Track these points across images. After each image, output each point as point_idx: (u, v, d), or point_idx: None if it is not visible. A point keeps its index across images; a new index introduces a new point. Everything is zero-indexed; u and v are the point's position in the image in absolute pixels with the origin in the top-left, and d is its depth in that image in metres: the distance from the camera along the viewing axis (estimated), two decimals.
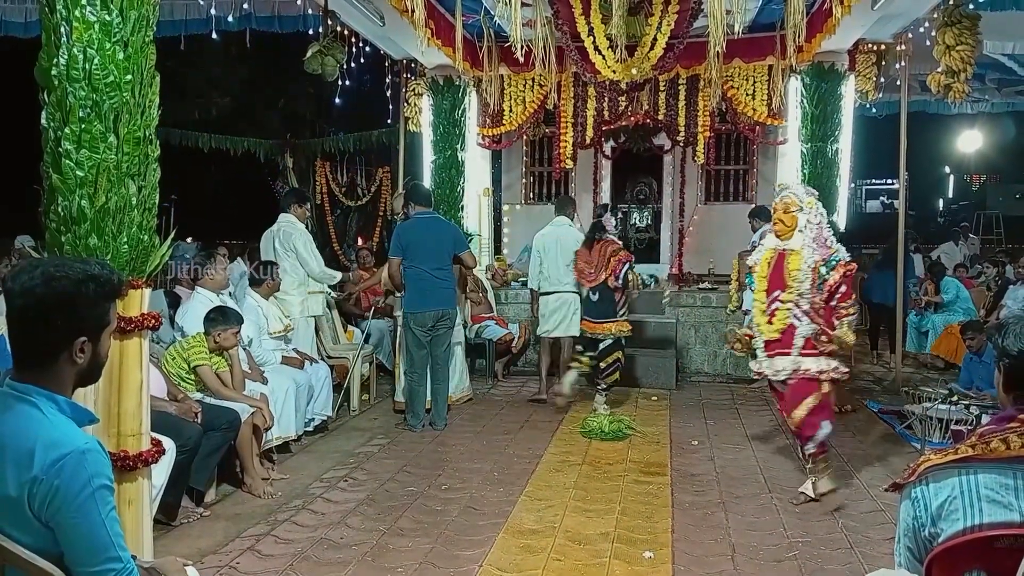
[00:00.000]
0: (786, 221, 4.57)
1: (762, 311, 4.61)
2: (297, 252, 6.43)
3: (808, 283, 4.44)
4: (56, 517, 1.70)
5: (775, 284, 4.55)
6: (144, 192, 3.05)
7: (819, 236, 4.51)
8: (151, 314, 3.10)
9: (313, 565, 3.75)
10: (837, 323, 4.47)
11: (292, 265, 6.39)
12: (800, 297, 4.46)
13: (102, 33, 2.86)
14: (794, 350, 4.51)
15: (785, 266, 4.52)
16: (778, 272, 4.55)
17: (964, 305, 9.24)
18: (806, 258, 4.46)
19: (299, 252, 6.44)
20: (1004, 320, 1.99)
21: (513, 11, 5.39)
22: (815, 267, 4.44)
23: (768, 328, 4.57)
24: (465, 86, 7.86)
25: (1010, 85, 10.10)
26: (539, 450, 5.66)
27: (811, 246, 4.48)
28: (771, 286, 4.57)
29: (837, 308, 4.48)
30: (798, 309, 4.47)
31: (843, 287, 4.46)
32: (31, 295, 1.76)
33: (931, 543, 1.80)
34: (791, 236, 4.55)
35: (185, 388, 4.72)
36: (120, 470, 2.97)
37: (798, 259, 4.48)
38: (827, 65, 6.89)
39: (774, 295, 4.54)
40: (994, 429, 1.80)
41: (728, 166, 10.08)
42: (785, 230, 4.58)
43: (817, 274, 4.44)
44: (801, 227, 4.54)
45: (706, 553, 3.92)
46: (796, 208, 4.54)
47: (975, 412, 5.60)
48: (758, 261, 4.72)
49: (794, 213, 4.54)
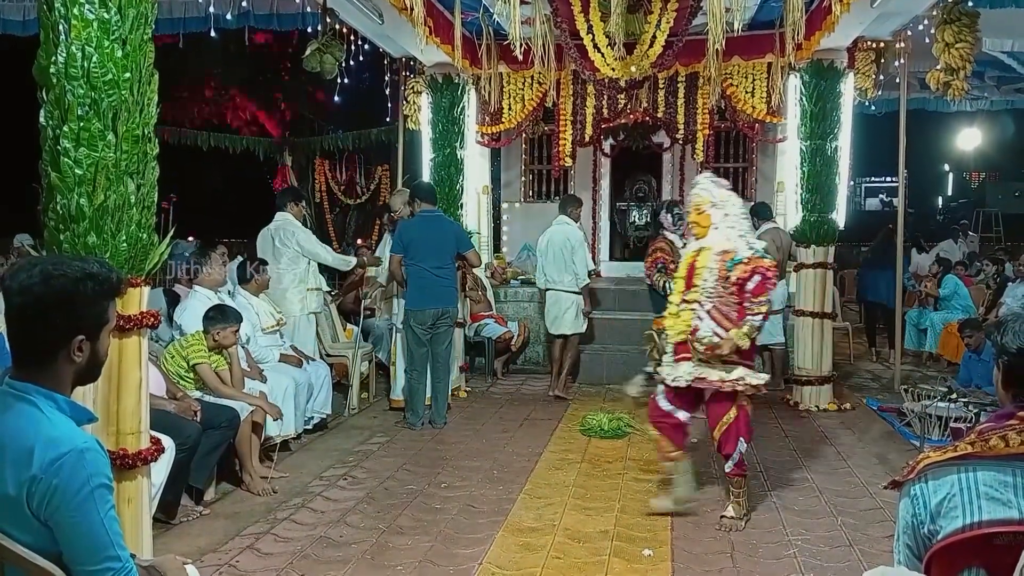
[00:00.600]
0: (700, 221, 4.35)
1: (674, 313, 4.38)
2: (304, 248, 6.47)
3: (712, 280, 4.18)
4: (55, 516, 1.70)
5: (689, 284, 4.33)
6: (143, 190, 3.04)
7: (732, 232, 4.25)
8: (150, 312, 3.10)
9: (313, 563, 3.75)
10: (741, 322, 4.13)
11: (291, 262, 6.40)
12: (704, 296, 4.21)
13: (101, 31, 2.85)
14: (695, 355, 4.23)
15: (697, 265, 4.30)
16: (692, 271, 4.33)
17: (963, 303, 9.24)
18: (714, 256, 4.22)
19: (305, 248, 6.49)
20: (1003, 318, 1.99)
21: (512, 9, 5.39)
22: (723, 264, 4.18)
23: (675, 330, 4.33)
24: (464, 84, 7.85)
25: (1009, 83, 10.09)
26: (538, 448, 5.66)
27: (724, 241, 4.23)
28: (686, 286, 4.34)
29: (746, 308, 4.14)
30: (701, 309, 4.22)
31: (751, 284, 4.12)
32: (29, 293, 1.76)
33: (930, 540, 1.80)
34: (708, 234, 4.32)
35: (184, 386, 4.72)
36: (119, 468, 2.96)
37: (706, 257, 4.26)
38: (826, 63, 6.87)
39: (685, 296, 4.33)
40: (993, 427, 1.80)
41: (727, 164, 10.07)
42: (701, 230, 4.35)
43: (725, 270, 4.17)
44: (716, 223, 4.29)
45: (705, 551, 3.92)
46: (708, 205, 4.30)
47: (974, 410, 5.60)
48: (679, 261, 4.56)
49: (707, 211, 4.31)
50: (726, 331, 4.11)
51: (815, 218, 6.94)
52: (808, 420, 6.53)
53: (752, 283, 4.12)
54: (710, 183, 4.42)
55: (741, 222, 4.31)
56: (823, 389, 6.96)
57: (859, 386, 7.95)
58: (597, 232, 10.30)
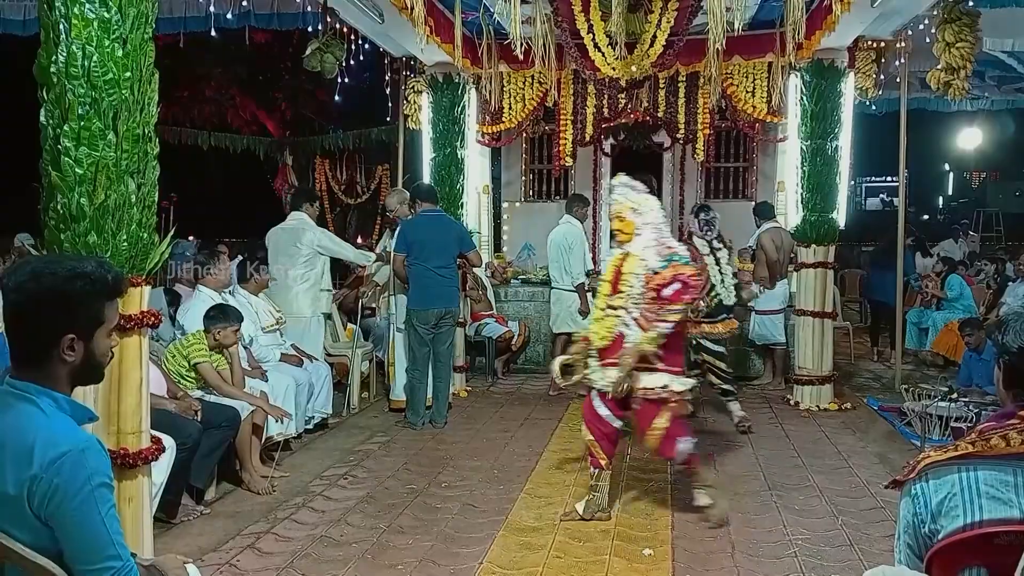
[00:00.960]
0: (623, 228, 4.27)
1: (598, 318, 4.31)
2: (326, 248, 6.53)
3: (639, 288, 4.12)
4: (56, 515, 1.70)
5: (614, 289, 4.26)
6: (143, 190, 3.04)
7: (657, 237, 4.20)
8: (151, 312, 3.10)
9: (313, 563, 3.76)
10: (649, 327, 4.07)
11: (308, 263, 6.40)
12: (630, 303, 4.13)
13: (101, 30, 2.85)
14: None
15: (622, 270, 4.23)
16: (616, 277, 4.27)
17: (965, 303, 9.24)
18: (640, 262, 4.15)
19: (328, 247, 6.55)
20: (1004, 317, 1.99)
21: (512, 8, 5.38)
22: (647, 270, 4.13)
23: (598, 336, 4.26)
24: (465, 83, 7.84)
25: (1010, 82, 10.08)
26: (539, 448, 5.66)
27: (649, 248, 4.17)
28: (612, 291, 4.27)
29: (659, 313, 4.08)
30: (628, 316, 4.14)
31: (667, 291, 4.06)
32: (22, 292, 1.77)
33: (931, 540, 1.80)
34: (632, 240, 4.25)
35: (185, 386, 4.72)
36: (120, 468, 2.97)
37: (632, 263, 4.19)
38: (827, 62, 6.87)
39: (610, 300, 4.26)
40: (994, 426, 1.80)
41: (728, 163, 10.07)
42: (625, 236, 4.28)
43: (650, 278, 4.12)
44: (639, 229, 4.23)
45: (706, 550, 3.92)
46: (629, 211, 4.24)
47: (974, 409, 5.60)
48: (606, 264, 4.46)
49: (628, 218, 4.24)
50: None
51: (815, 218, 6.94)
52: (809, 420, 6.53)
53: (669, 290, 4.06)
54: (627, 188, 4.32)
55: (663, 227, 4.27)
56: (824, 389, 6.96)
57: (860, 386, 7.95)
58: (598, 232, 10.28)
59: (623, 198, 4.28)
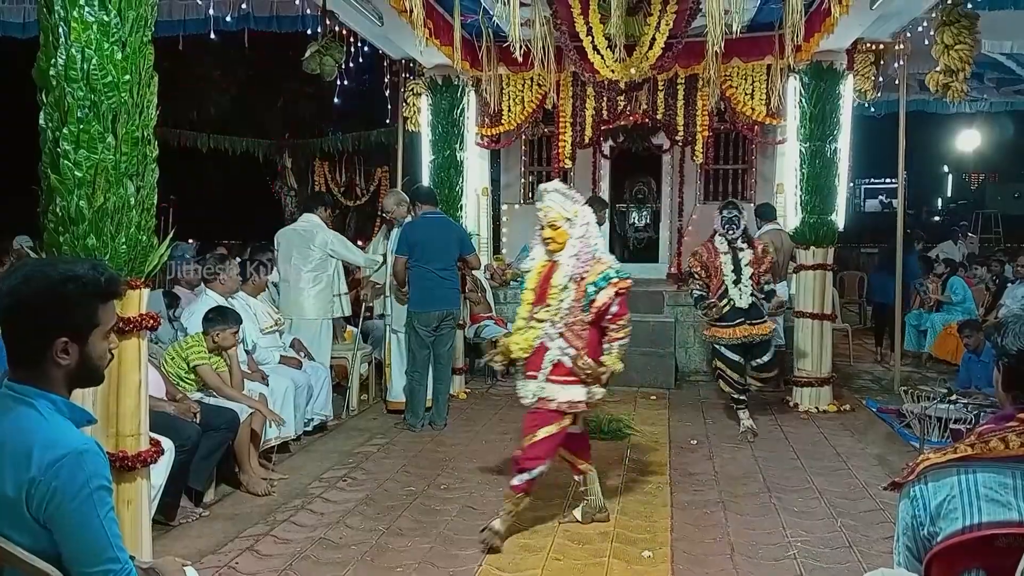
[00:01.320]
0: (556, 237, 4.08)
1: (519, 328, 4.17)
2: (337, 251, 6.55)
3: (569, 301, 4.00)
4: (54, 518, 1.70)
5: (539, 299, 4.11)
6: (142, 192, 3.04)
7: (584, 248, 4.07)
8: (149, 314, 3.10)
9: (312, 565, 3.75)
10: (606, 347, 4.04)
11: (319, 266, 6.41)
12: (558, 316, 4.01)
13: (100, 33, 2.85)
14: (541, 374, 4.04)
15: (550, 280, 4.08)
16: (544, 286, 4.11)
17: (966, 305, 9.23)
18: (569, 273, 4.02)
19: (339, 250, 6.57)
20: (1003, 319, 1.98)
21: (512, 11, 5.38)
22: (581, 284, 4.00)
23: (519, 347, 4.13)
24: (464, 86, 7.85)
25: (1008, 84, 10.09)
26: None
27: (577, 258, 4.04)
28: (536, 301, 4.13)
29: (607, 331, 4.04)
30: (553, 328, 4.02)
31: (614, 307, 4.00)
32: (12, 294, 1.77)
33: (930, 542, 1.80)
34: (563, 250, 4.10)
35: (184, 388, 4.72)
36: (119, 470, 2.96)
37: (563, 273, 4.04)
38: (826, 64, 6.88)
39: (535, 311, 4.11)
40: (993, 428, 1.80)
41: (727, 165, 10.08)
42: (557, 246, 4.09)
43: (584, 292, 3.99)
44: (572, 240, 4.08)
45: (705, 552, 3.92)
46: (563, 221, 4.07)
47: (973, 411, 5.60)
48: (531, 270, 4.25)
49: (562, 227, 4.07)
50: (576, 352, 3.97)
51: (814, 219, 6.95)
52: (808, 421, 6.53)
53: (616, 306, 4.00)
54: (561, 197, 4.14)
55: (596, 239, 4.16)
56: (823, 390, 6.97)
57: (859, 387, 7.95)
58: None
59: (557, 206, 4.09)
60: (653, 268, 10.06)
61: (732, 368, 6.03)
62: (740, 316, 5.87)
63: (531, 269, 4.26)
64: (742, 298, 5.83)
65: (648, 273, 9.88)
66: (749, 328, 5.88)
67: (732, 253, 5.87)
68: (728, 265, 5.87)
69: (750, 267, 5.87)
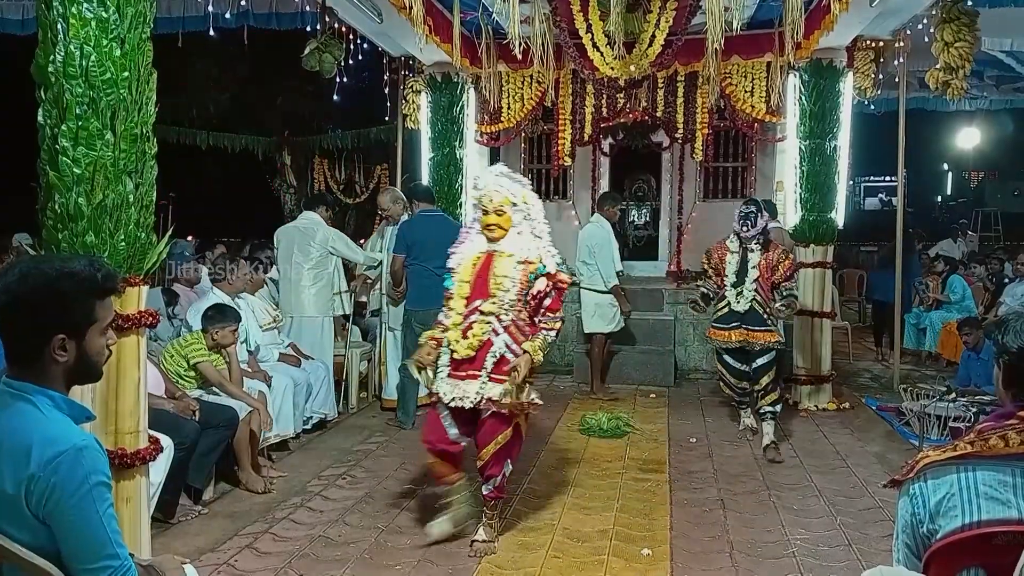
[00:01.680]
0: (501, 223, 3.87)
1: (457, 324, 3.86)
2: (337, 249, 6.55)
3: (515, 292, 3.79)
4: (53, 514, 1.69)
5: (478, 292, 3.85)
6: (141, 189, 3.04)
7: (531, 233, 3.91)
8: (148, 311, 3.10)
9: (311, 563, 3.75)
10: (532, 336, 3.84)
11: (319, 264, 6.41)
12: (503, 308, 3.79)
13: (99, 30, 2.85)
14: (484, 373, 3.78)
15: (491, 271, 3.84)
16: (482, 278, 3.85)
17: (965, 304, 9.23)
18: (516, 263, 3.82)
19: (339, 248, 6.57)
20: (1004, 317, 1.98)
21: (511, 8, 5.38)
22: (526, 271, 3.81)
23: (463, 344, 3.81)
24: (463, 83, 7.84)
25: (1008, 82, 10.10)
26: (537, 448, 5.65)
27: (525, 247, 3.86)
28: (473, 294, 3.85)
29: (540, 322, 3.87)
30: (499, 323, 3.80)
31: (548, 299, 3.85)
32: (9, 292, 1.77)
33: (929, 540, 1.80)
34: (506, 237, 3.89)
35: (183, 386, 4.72)
36: (117, 468, 2.96)
37: (506, 264, 3.84)
38: (825, 62, 6.88)
39: (474, 305, 3.83)
40: (993, 426, 1.80)
41: (726, 163, 10.06)
42: (501, 232, 3.88)
43: (528, 279, 3.81)
44: (517, 226, 3.90)
45: (704, 550, 3.92)
46: (509, 206, 3.87)
47: (973, 409, 5.60)
48: (461, 262, 3.97)
49: (508, 213, 3.87)
50: (519, 346, 3.79)
51: (814, 217, 6.95)
52: (807, 419, 6.53)
53: (549, 299, 3.85)
54: (509, 180, 3.94)
55: (544, 227, 3.97)
56: (822, 388, 6.97)
57: (858, 385, 7.95)
58: None
59: (504, 190, 3.87)
60: (652, 266, 10.05)
61: (732, 374, 5.81)
62: (735, 320, 5.58)
63: (461, 260, 3.96)
64: (739, 301, 5.54)
65: (647, 271, 9.89)
66: (745, 333, 5.54)
67: (741, 253, 5.59)
68: (732, 266, 5.60)
69: (756, 270, 5.52)
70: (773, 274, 5.54)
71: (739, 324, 5.56)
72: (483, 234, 3.94)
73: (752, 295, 5.52)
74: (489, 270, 3.85)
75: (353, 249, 6.81)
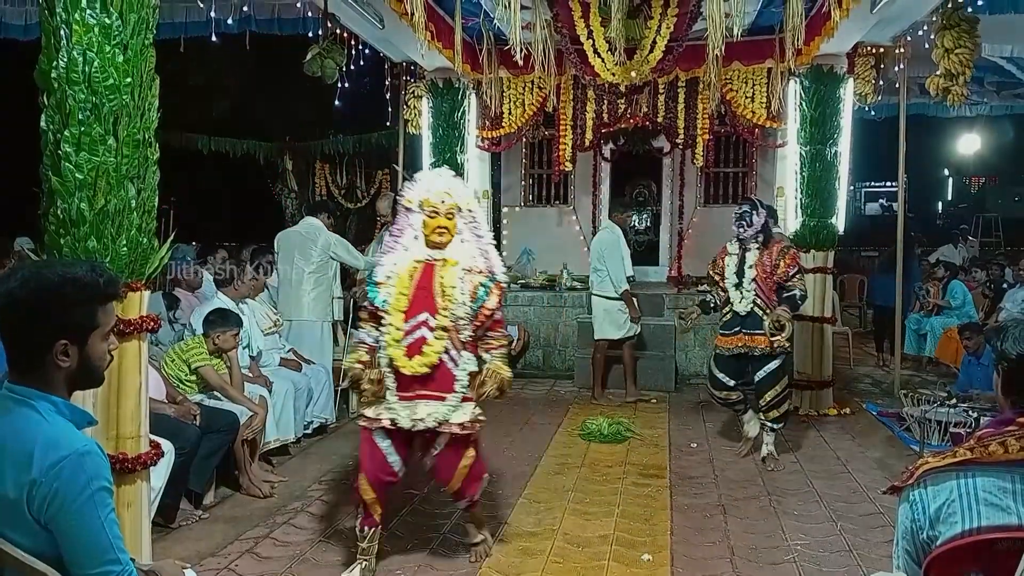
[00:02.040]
0: (451, 228, 3.61)
1: (397, 340, 3.51)
2: (338, 254, 6.56)
3: (467, 304, 3.53)
4: (55, 519, 1.70)
5: (420, 305, 3.53)
6: (143, 195, 3.05)
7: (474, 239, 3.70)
8: (150, 316, 3.11)
9: (312, 567, 3.75)
10: (488, 357, 3.66)
11: (319, 268, 6.42)
12: (460, 322, 3.54)
13: (102, 36, 2.86)
14: (454, 396, 3.55)
15: (437, 282, 3.56)
16: (425, 289, 3.55)
17: (966, 309, 9.22)
18: (462, 270, 3.58)
19: (341, 254, 6.59)
20: (1004, 323, 1.99)
21: (512, 14, 5.39)
22: (472, 284, 3.56)
23: (415, 362, 3.49)
24: (465, 89, 7.87)
25: (1009, 88, 10.10)
26: (538, 453, 5.66)
27: (469, 256, 3.64)
28: (413, 307, 3.53)
29: (486, 339, 3.66)
30: (457, 337, 3.55)
31: (498, 314, 3.65)
32: (11, 298, 1.77)
33: (929, 546, 1.80)
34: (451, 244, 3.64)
35: (184, 390, 4.72)
36: (119, 473, 2.97)
37: (454, 273, 3.57)
38: (826, 68, 6.89)
39: (419, 319, 3.52)
40: (992, 432, 1.81)
41: (727, 168, 10.08)
42: (448, 239, 3.61)
43: (475, 292, 3.56)
44: (461, 232, 3.66)
45: (705, 556, 3.92)
46: (457, 211, 3.63)
47: (973, 415, 5.60)
48: (394, 272, 3.62)
49: (455, 218, 3.62)
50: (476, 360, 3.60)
51: (815, 223, 6.96)
52: (808, 425, 6.53)
53: (499, 313, 3.65)
54: (456, 181, 3.71)
55: (486, 232, 3.75)
56: (823, 393, 6.96)
57: (859, 391, 7.94)
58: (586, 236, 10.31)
59: (455, 192, 3.63)
60: (653, 271, 10.06)
61: (714, 385, 5.58)
62: (737, 324, 5.37)
63: (394, 271, 3.61)
64: (742, 302, 5.37)
65: (648, 276, 9.90)
66: (746, 338, 5.33)
67: (740, 254, 5.43)
68: (731, 267, 5.44)
69: (753, 269, 5.33)
70: (774, 272, 5.35)
71: (739, 328, 5.38)
72: (428, 239, 3.61)
73: (752, 296, 5.36)
74: (433, 280, 3.56)
75: (354, 255, 6.81)
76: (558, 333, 8.71)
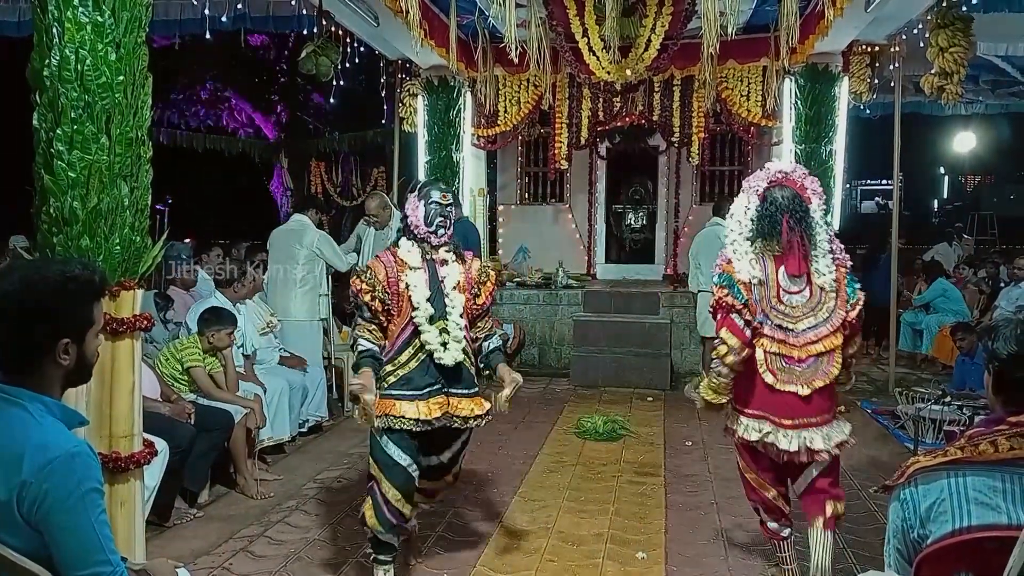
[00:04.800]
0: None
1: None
2: (323, 252, 6.50)
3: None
4: (45, 520, 1.69)
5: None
6: (136, 193, 3.04)
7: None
8: (143, 315, 3.10)
9: (306, 566, 3.75)
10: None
11: (308, 265, 6.41)
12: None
13: (94, 34, 2.85)
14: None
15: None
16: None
17: (956, 307, 9.23)
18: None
19: (324, 251, 6.51)
20: (994, 323, 1.99)
21: (507, 12, 5.40)
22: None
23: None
24: (460, 86, 7.87)
25: (1003, 86, 10.13)
26: (533, 451, 5.66)
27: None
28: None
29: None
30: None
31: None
32: (10, 299, 1.76)
33: (920, 545, 1.81)
34: None
35: (179, 389, 4.71)
36: (112, 471, 2.97)
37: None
38: (821, 66, 6.92)
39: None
40: (983, 431, 1.81)
41: (723, 167, 10.10)
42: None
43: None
44: None
45: (699, 554, 3.93)
46: None
47: (968, 413, 5.61)
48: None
49: None
50: None
51: None
52: None
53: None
54: None
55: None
56: None
57: (854, 388, 7.93)
58: (593, 235, 10.32)
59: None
60: (649, 269, 10.08)
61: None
62: None
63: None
64: None
65: (644, 274, 9.91)
66: None
67: None
68: None
69: None
70: None
71: None
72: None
73: None
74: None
75: (338, 254, 6.71)
76: (554, 331, 8.71)
